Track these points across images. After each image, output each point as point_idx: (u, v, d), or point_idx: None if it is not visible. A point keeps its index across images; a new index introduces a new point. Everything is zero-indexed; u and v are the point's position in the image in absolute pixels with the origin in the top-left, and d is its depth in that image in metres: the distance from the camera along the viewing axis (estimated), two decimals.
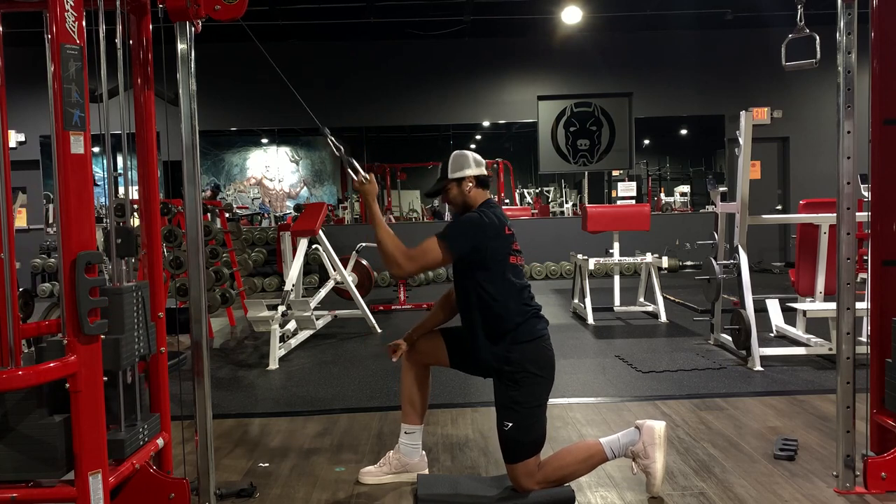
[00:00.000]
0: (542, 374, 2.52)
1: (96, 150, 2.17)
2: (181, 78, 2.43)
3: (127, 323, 2.26)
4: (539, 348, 2.53)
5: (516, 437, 2.48)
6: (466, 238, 2.51)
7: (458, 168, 2.66)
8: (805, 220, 4.90)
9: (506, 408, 2.51)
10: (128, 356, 2.25)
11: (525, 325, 2.53)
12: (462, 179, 2.64)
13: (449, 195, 2.68)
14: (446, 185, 2.67)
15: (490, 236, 2.53)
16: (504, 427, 2.49)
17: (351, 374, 4.67)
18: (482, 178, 2.68)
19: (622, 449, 2.56)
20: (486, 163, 2.73)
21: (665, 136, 11.71)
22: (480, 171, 2.68)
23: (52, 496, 2.07)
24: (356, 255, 6.89)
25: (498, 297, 2.52)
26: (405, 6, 9.39)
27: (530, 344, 2.52)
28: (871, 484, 2.54)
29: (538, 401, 2.51)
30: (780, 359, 4.59)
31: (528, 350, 2.51)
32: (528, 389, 2.49)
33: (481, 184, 2.68)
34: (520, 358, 2.49)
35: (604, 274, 9.53)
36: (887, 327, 2.63)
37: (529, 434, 2.49)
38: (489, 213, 2.58)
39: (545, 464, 2.55)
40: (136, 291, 2.32)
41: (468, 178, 2.64)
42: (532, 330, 2.54)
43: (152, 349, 2.45)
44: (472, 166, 2.66)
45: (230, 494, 2.67)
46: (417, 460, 2.80)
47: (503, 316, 2.52)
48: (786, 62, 2.96)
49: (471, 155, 2.68)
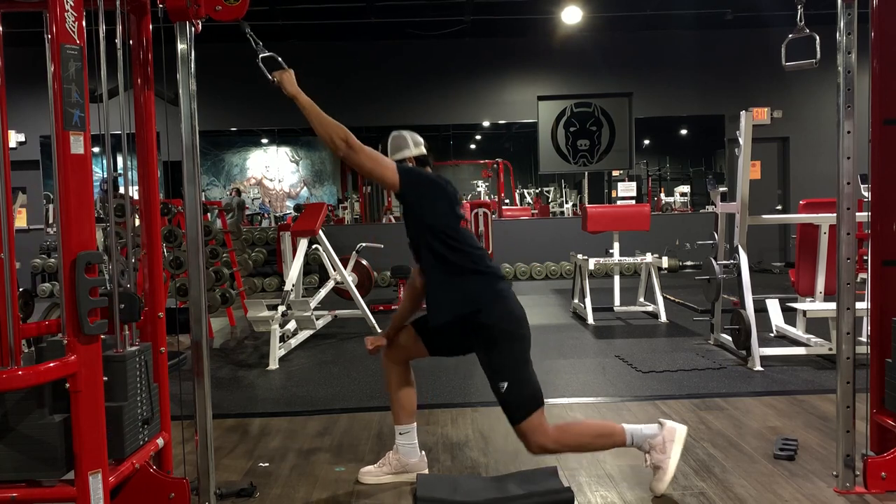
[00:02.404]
0: (518, 330, 2.49)
1: (96, 150, 2.17)
2: (181, 78, 2.43)
3: (130, 390, 2.27)
4: (506, 306, 2.50)
5: (514, 396, 2.45)
6: (419, 182, 2.51)
7: (397, 150, 2.63)
8: (805, 220, 4.90)
9: (494, 371, 2.48)
10: (130, 423, 2.27)
11: (488, 287, 2.50)
12: (403, 160, 2.60)
13: None
14: None
15: (439, 195, 2.51)
16: (500, 390, 2.46)
17: (351, 374, 4.67)
18: (422, 158, 2.65)
19: (642, 439, 2.54)
20: (423, 142, 2.70)
21: (665, 136, 11.71)
22: (420, 152, 2.65)
23: (52, 496, 2.06)
24: (356, 255, 6.89)
25: (457, 262, 2.49)
26: (405, 6, 9.39)
27: (497, 304, 2.49)
28: (871, 484, 2.54)
29: (523, 356, 2.49)
30: (780, 359, 4.59)
31: (495, 311, 2.47)
32: (508, 346, 2.46)
33: (421, 164, 2.65)
34: (490, 320, 2.46)
35: (604, 274, 9.53)
36: (887, 327, 2.63)
37: (525, 389, 2.46)
38: (435, 177, 2.58)
39: (566, 427, 2.56)
40: (139, 356, 2.34)
41: (408, 160, 2.61)
42: (496, 291, 2.50)
43: (155, 413, 2.46)
44: (410, 147, 2.63)
45: (230, 494, 2.67)
46: (416, 460, 2.80)
47: (465, 282, 2.49)
48: (786, 62, 2.96)
49: (408, 135, 2.65)
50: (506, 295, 2.52)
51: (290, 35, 10.19)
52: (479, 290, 2.50)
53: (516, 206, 11.85)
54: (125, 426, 2.23)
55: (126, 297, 2.22)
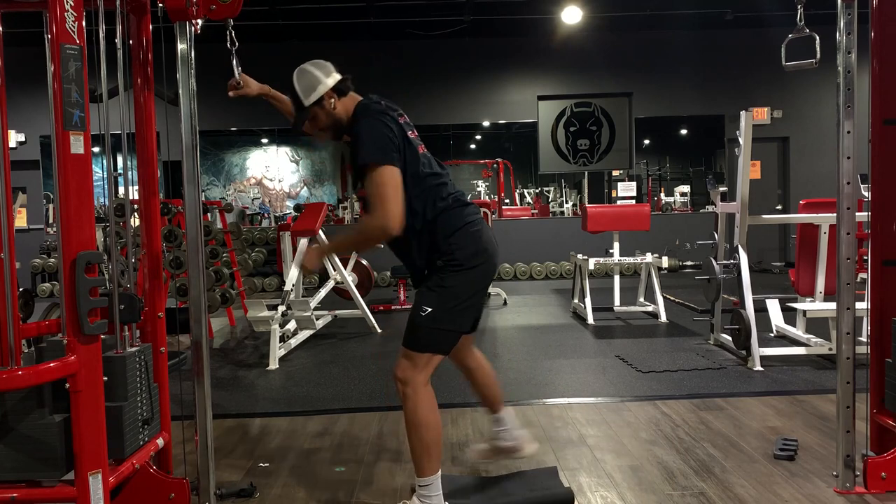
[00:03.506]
0: (474, 264, 2.28)
1: (96, 150, 2.17)
2: (181, 78, 2.43)
3: (130, 390, 2.27)
4: (466, 234, 2.29)
5: (429, 324, 2.24)
6: (389, 144, 2.21)
7: (310, 88, 2.30)
8: (805, 220, 4.89)
9: (427, 293, 2.28)
10: (130, 423, 2.27)
11: (448, 216, 2.30)
12: (321, 99, 2.31)
13: (318, 122, 2.35)
14: (309, 114, 2.33)
15: (398, 137, 2.25)
16: (422, 312, 2.25)
17: (351, 374, 4.67)
18: (340, 86, 2.32)
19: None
20: (331, 64, 2.36)
21: (665, 136, 11.71)
22: (334, 79, 2.32)
23: (52, 496, 2.07)
24: (356, 254, 6.89)
25: (417, 202, 2.26)
26: (405, 6, 9.39)
27: (458, 233, 2.29)
28: (871, 484, 2.54)
29: (466, 293, 2.28)
30: (780, 359, 4.59)
31: (454, 240, 2.28)
32: (455, 277, 2.26)
33: (341, 92, 2.33)
34: (447, 248, 2.27)
35: (604, 274, 9.52)
36: (887, 327, 2.63)
37: (444, 324, 2.26)
38: (378, 113, 2.28)
39: (432, 406, 2.31)
40: (139, 356, 2.34)
41: (326, 95, 2.30)
42: (457, 219, 2.30)
43: (155, 413, 2.46)
44: (323, 80, 2.30)
45: (230, 494, 2.67)
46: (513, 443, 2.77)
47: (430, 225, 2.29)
48: (786, 62, 2.95)
49: (315, 69, 2.32)
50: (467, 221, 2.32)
51: (291, 35, 10.18)
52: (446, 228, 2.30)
53: (516, 206, 11.85)
54: (125, 426, 2.23)
55: (126, 298, 2.22)
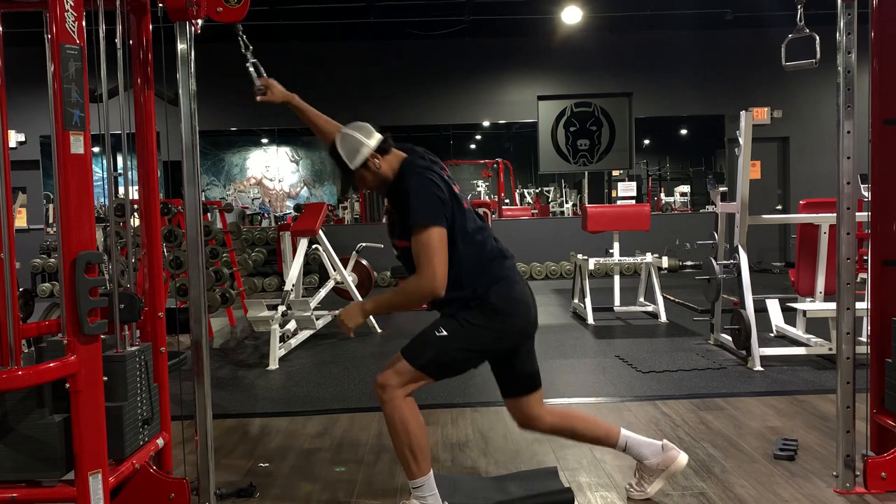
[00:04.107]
0: (507, 313, 2.31)
1: (96, 150, 2.17)
2: (181, 78, 2.43)
3: (130, 390, 2.27)
4: (506, 285, 2.32)
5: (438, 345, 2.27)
6: (440, 203, 2.24)
7: (354, 152, 2.31)
8: (805, 220, 4.89)
9: (450, 320, 2.31)
10: (130, 423, 2.27)
11: (492, 267, 2.33)
12: (366, 161, 2.32)
13: (366, 183, 2.37)
14: (356, 177, 2.36)
15: (447, 194, 2.27)
16: (437, 332, 2.28)
17: (351, 374, 4.67)
18: (382, 146, 2.34)
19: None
20: (371, 126, 2.38)
21: (665, 136, 11.71)
22: (376, 140, 2.33)
23: (52, 496, 2.07)
24: (356, 255, 6.89)
25: (465, 256, 2.30)
26: (405, 6, 9.39)
27: (500, 282, 2.32)
28: (871, 484, 2.54)
29: (487, 338, 2.30)
30: (780, 359, 4.59)
31: (495, 288, 2.31)
32: (483, 318, 2.29)
33: (384, 151, 2.34)
34: (485, 292, 2.30)
35: (604, 274, 9.52)
36: (887, 327, 2.63)
37: (450, 354, 2.28)
38: (424, 169, 2.31)
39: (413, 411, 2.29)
40: (139, 356, 2.34)
41: (370, 156, 2.32)
42: (499, 270, 2.34)
43: (155, 413, 2.46)
44: (366, 143, 2.32)
45: (230, 494, 2.67)
46: (658, 457, 2.52)
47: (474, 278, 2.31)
48: (786, 62, 2.95)
49: (357, 133, 2.33)
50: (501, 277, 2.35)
51: (291, 35, 10.18)
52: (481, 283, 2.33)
53: (516, 206, 11.84)
54: (125, 426, 2.24)
55: (126, 297, 2.22)
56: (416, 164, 2.34)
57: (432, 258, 2.21)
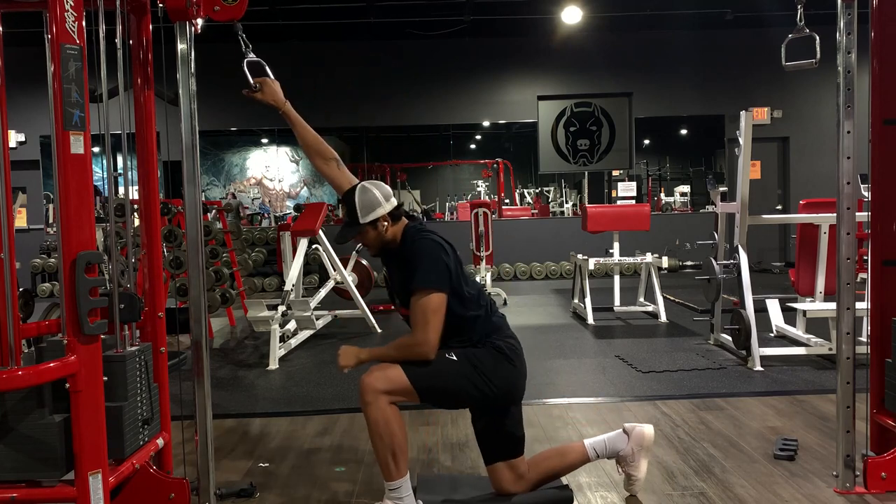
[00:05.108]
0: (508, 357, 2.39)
1: (96, 150, 2.17)
2: (181, 78, 2.43)
3: (130, 390, 2.27)
4: (507, 340, 2.43)
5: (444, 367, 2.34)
6: (446, 270, 2.35)
7: (370, 209, 2.39)
8: (805, 220, 4.90)
9: (456, 348, 2.38)
10: (130, 423, 2.28)
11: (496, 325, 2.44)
12: (376, 220, 2.41)
13: (366, 239, 2.46)
14: (361, 230, 2.43)
15: (453, 262, 2.39)
16: (447, 354, 2.36)
17: (351, 374, 4.63)
18: (395, 212, 2.44)
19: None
20: (391, 191, 2.49)
21: (665, 136, 11.71)
22: (392, 205, 2.43)
23: (52, 496, 2.07)
24: (356, 255, 6.89)
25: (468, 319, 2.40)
26: (405, 6, 9.39)
27: (502, 336, 2.43)
28: (871, 484, 2.54)
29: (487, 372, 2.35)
30: (780, 359, 4.59)
31: (497, 337, 2.42)
32: (487, 354, 2.38)
33: (395, 218, 2.44)
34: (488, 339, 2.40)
35: (604, 274, 9.52)
36: (887, 327, 2.63)
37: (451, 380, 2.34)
38: (432, 233, 2.43)
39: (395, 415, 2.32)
40: (139, 356, 2.34)
41: (382, 218, 2.40)
42: (503, 329, 2.45)
43: (155, 413, 2.46)
44: (382, 203, 2.40)
45: (230, 494, 2.67)
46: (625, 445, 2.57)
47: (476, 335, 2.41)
48: (786, 62, 2.95)
49: (377, 190, 2.41)
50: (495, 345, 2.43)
51: (291, 35, 10.18)
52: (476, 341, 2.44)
53: (516, 206, 11.85)
54: (125, 426, 2.23)
55: (126, 297, 2.22)
56: (423, 229, 2.46)
57: (429, 322, 2.30)
